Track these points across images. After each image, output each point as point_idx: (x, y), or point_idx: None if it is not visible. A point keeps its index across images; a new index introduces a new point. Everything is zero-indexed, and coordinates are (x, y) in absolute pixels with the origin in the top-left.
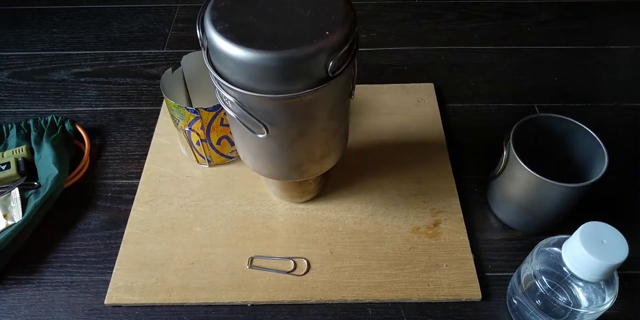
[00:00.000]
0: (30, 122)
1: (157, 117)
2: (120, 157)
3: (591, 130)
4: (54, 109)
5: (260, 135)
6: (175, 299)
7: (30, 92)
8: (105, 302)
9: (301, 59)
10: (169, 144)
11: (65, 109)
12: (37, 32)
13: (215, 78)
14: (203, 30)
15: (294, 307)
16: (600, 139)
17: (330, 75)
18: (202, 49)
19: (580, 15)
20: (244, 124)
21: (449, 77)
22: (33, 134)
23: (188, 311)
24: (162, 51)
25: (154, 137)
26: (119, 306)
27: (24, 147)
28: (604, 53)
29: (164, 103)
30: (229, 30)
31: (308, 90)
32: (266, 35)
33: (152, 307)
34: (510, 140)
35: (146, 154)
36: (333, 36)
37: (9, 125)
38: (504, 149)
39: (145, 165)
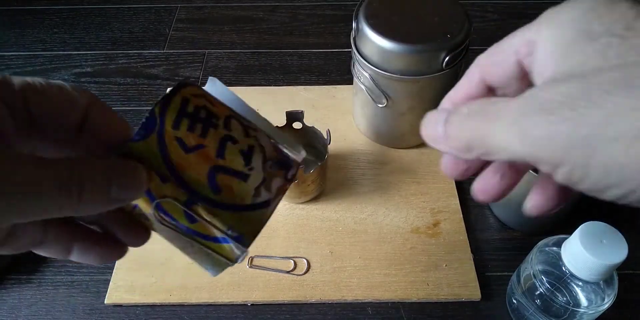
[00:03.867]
0: None
1: None
2: None
3: None
4: None
5: (380, 105)
6: (175, 298)
7: None
8: (105, 302)
9: (426, 52)
10: None
11: None
12: (37, 33)
13: (358, 58)
14: (357, 22)
15: (294, 307)
16: None
17: (444, 67)
18: (352, 34)
19: None
20: (369, 95)
21: None
22: None
23: (188, 311)
24: (162, 51)
25: None
26: (119, 306)
27: None
28: None
29: None
30: (378, 25)
31: (425, 76)
32: (403, 32)
33: (153, 306)
34: None
35: None
36: (452, 39)
37: None
38: None
39: None
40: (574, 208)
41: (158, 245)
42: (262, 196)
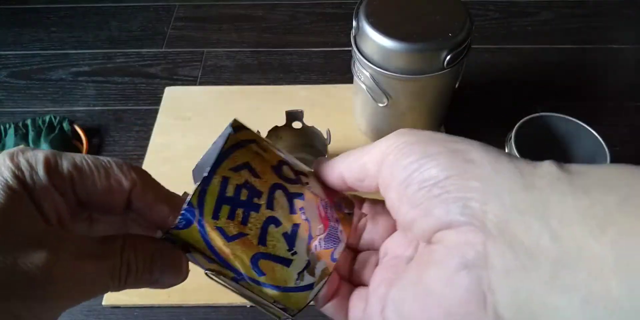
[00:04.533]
0: (29, 121)
1: (155, 117)
2: (119, 157)
3: (593, 129)
4: (52, 109)
5: (381, 104)
6: (174, 299)
7: (29, 92)
8: (103, 303)
9: (427, 51)
10: (168, 143)
11: (64, 109)
12: (35, 31)
13: (358, 57)
14: (358, 20)
15: None
16: (602, 139)
17: (445, 66)
18: (352, 33)
19: (582, 14)
20: (370, 94)
21: None
22: (31, 134)
23: (187, 312)
24: (161, 50)
25: (152, 137)
26: (118, 307)
27: (22, 146)
28: (605, 52)
29: (163, 102)
30: (378, 23)
31: (426, 75)
32: (404, 30)
33: (151, 308)
34: (512, 139)
35: (144, 154)
36: (453, 37)
37: (7, 125)
38: (506, 148)
39: (143, 165)
40: None
41: None
42: (305, 280)
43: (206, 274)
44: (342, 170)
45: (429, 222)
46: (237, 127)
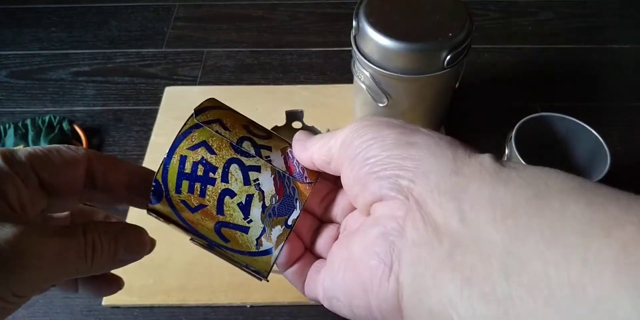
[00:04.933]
0: (28, 121)
1: (155, 117)
2: (118, 157)
3: (593, 129)
4: (52, 109)
5: (381, 104)
6: (173, 299)
7: (28, 92)
8: (103, 303)
9: (427, 51)
10: (168, 143)
11: (63, 109)
12: (35, 31)
13: (358, 57)
14: (358, 20)
15: (294, 309)
16: (602, 139)
17: (445, 66)
18: (352, 33)
19: (582, 14)
20: (370, 94)
21: None
22: (31, 134)
23: (187, 312)
24: (160, 50)
25: (152, 137)
26: (117, 307)
27: (21, 146)
28: (605, 52)
29: (163, 102)
30: (378, 23)
31: (426, 75)
32: (404, 30)
33: (151, 308)
34: (512, 139)
35: (144, 154)
36: (453, 37)
37: (7, 125)
38: (506, 148)
39: (143, 165)
40: None
41: (157, 247)
42: (264, 245)
43: (190, 240)
44: (312, 153)
45: (366, 196)
46: (199, 109)
